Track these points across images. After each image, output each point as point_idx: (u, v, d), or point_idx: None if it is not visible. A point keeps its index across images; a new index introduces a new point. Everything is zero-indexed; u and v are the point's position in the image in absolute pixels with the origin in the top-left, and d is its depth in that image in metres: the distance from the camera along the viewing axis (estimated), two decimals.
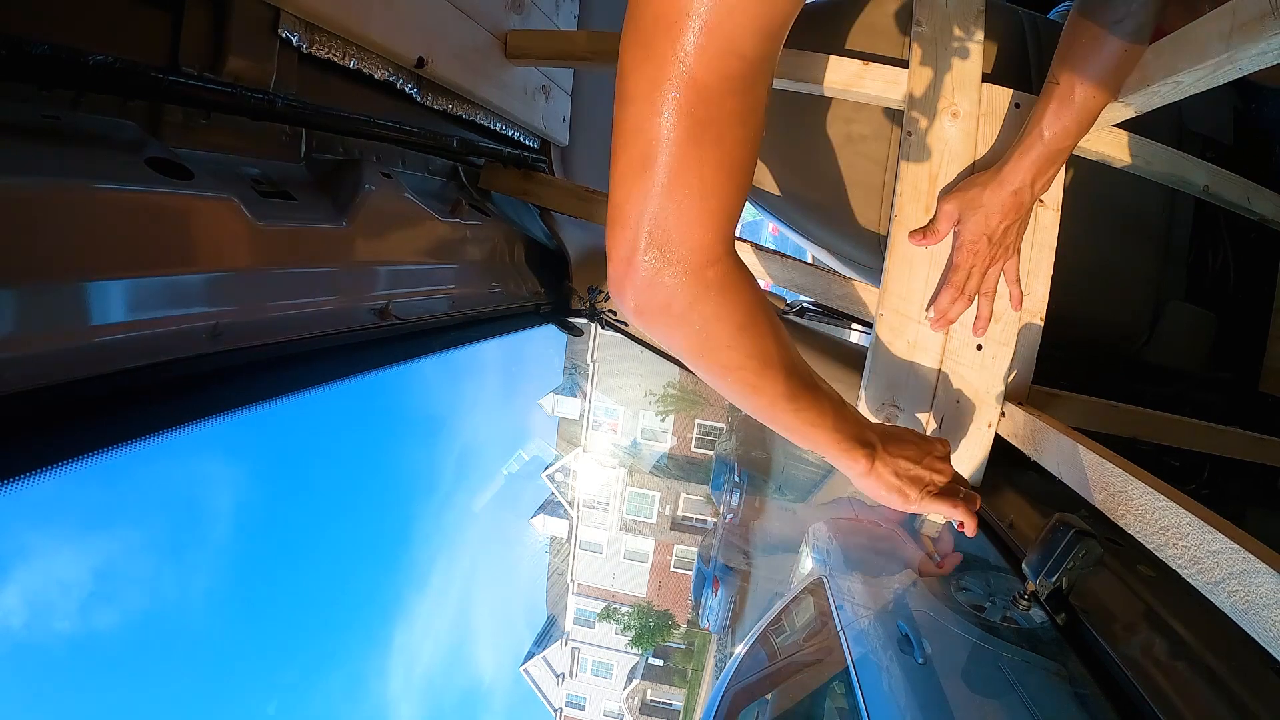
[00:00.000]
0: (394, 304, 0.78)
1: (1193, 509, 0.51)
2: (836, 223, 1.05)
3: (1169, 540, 0.53)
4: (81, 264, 0.44)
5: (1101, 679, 0.59)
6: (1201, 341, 1.17)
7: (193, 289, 0.53)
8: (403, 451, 74.30)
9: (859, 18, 1.00)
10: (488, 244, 1.01)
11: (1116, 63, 0.70)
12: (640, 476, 19.51)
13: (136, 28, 0.54)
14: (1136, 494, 0.58)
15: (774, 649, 1.87)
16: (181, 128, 0.59)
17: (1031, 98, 0.88)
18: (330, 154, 0.77)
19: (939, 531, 1.15)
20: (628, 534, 19.87)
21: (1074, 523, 0.65)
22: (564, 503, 20.12)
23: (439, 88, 0.87)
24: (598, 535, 20.09)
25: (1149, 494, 0.56)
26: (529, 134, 1.14)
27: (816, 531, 2.25)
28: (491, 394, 50.57)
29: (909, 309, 0.90)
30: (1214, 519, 0.50)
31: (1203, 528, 0.49)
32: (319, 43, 0.67)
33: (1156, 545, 0.54)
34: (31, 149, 0.44)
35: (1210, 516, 0.50)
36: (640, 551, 20.06)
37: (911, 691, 1.07)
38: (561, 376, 20.28)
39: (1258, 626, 0.43)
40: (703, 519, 19.33)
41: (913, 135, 0.89)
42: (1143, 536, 0.56)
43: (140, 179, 0.48)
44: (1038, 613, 0.70)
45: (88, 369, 0.45)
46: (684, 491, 19.32)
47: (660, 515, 19.56)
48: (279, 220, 0.60)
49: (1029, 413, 0.81)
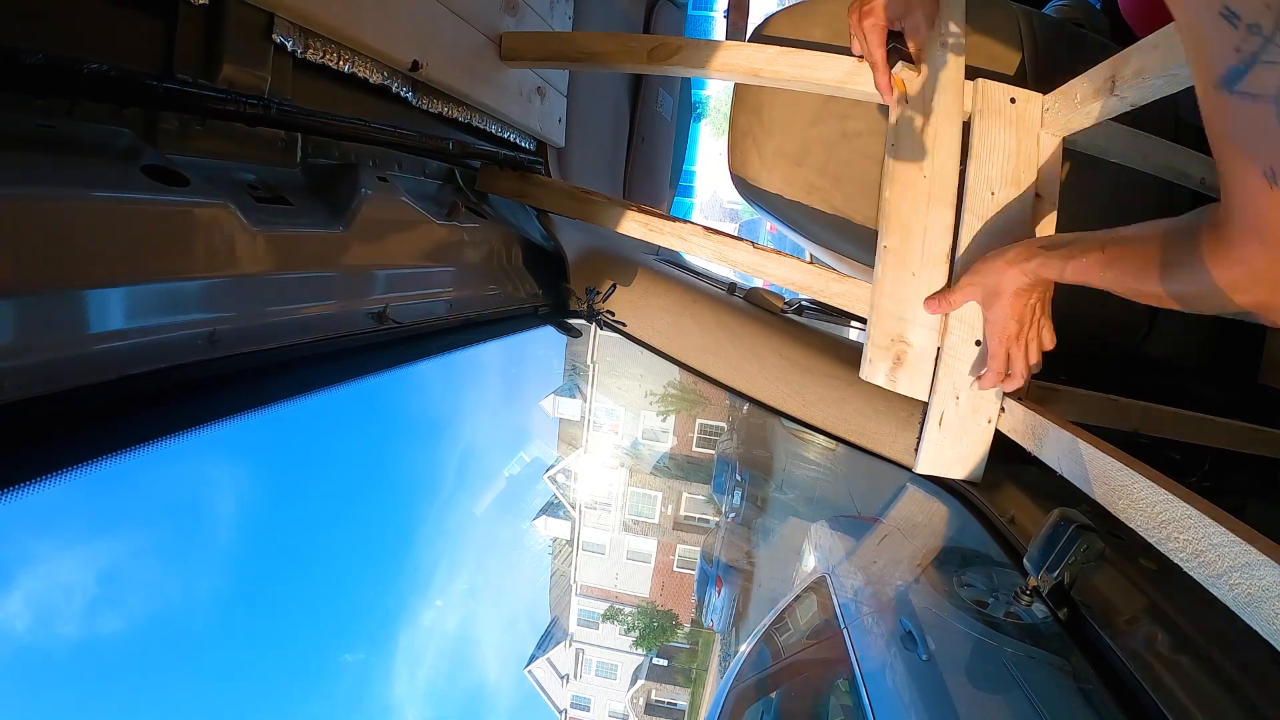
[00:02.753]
0: (392, 307, 0.77)
1: (1194, 502, 0.51)
2: (833, 220, 1.05)
3: (1170, 534, 0.53)
4: (78, 272, 0.44)
5: (1104, 673, 0.59)
6: (1201, 334, 1.17)
7: (190, 295, 0.53)
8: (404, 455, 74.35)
9: None
10: (485, 246, 1.01)
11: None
12: (642, 477, 19.52)
13: (130, 35, 0.54)
14: (1137, 488, 0.58)
15: (778, 647, 1.87)
16: (177, 135, 0.59)
17: (1028, 94, 0.88)
18: (326, 159, 0.77)
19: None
20: (630, 534, 19.87)
21: (1075, 517, 0.65)
22: (566, 504, 20.12)
23: (434, 91, 0.87)
24: (600, 536, 20.09)
25: (1150, 488, 0.56)
26: (525, 136, 1.14)
27: (818, 529, 2.25)
28: (492, 397, 50.59)
29: (903, 309, 0.90)
30: (1215, 512, 0.50)
31: (1204, 521, 0.49)
32: (313, 47, 0.67)
33: (1158, 539, 0.54)
34: (26, 158, 0.44)
35: (1211, 510, 0.50)
36: (643, 552, 20.06)
37: (915, 688, 1.07)
38: (561, 378, 20.29)
39: (1259, 619, 0.43)
40: (705, 518, 19.33)
41: (906, 132, 0.89)
42: (1144, 530, 0.56)
43: (136, 186, 0.48)
44: (1040, 608, 0.70)
45: (86, 376, 0.45)
46: (686, 491, 19.32)
47: (662, 515, 19.56)
48: (275, 226, 0.60)
49: (1029, 408, 0.81)
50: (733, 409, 16.59)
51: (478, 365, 48.59)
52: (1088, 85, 0.78)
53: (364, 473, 77.74)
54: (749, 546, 15.28)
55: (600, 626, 20.30)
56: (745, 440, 16.26)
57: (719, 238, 0.99)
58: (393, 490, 69.16)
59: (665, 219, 1.00)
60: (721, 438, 18.22)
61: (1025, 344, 0.79)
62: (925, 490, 0.98)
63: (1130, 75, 0.71)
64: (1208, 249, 0.48)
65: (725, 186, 6.59)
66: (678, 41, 0.96)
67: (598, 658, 20.63)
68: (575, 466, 19.77)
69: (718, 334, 1.08)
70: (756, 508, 15.02)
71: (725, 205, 19.94)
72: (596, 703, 20.68)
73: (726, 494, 16.14)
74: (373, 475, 75.73)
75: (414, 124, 0.87)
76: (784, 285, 0.98)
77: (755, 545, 14.85)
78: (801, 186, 1.06)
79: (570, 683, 20.78)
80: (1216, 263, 0.47)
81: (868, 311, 0.91)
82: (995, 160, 0.87)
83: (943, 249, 0.88)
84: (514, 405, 41.15)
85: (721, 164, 1.17)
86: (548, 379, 20.71)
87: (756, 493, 14.99)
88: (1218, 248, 0.46)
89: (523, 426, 32.35)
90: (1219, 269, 0.47)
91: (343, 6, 0.67)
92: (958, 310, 0.87)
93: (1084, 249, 0.67)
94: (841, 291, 0.95)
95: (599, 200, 1.04)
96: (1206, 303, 0.52)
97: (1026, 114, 0.88)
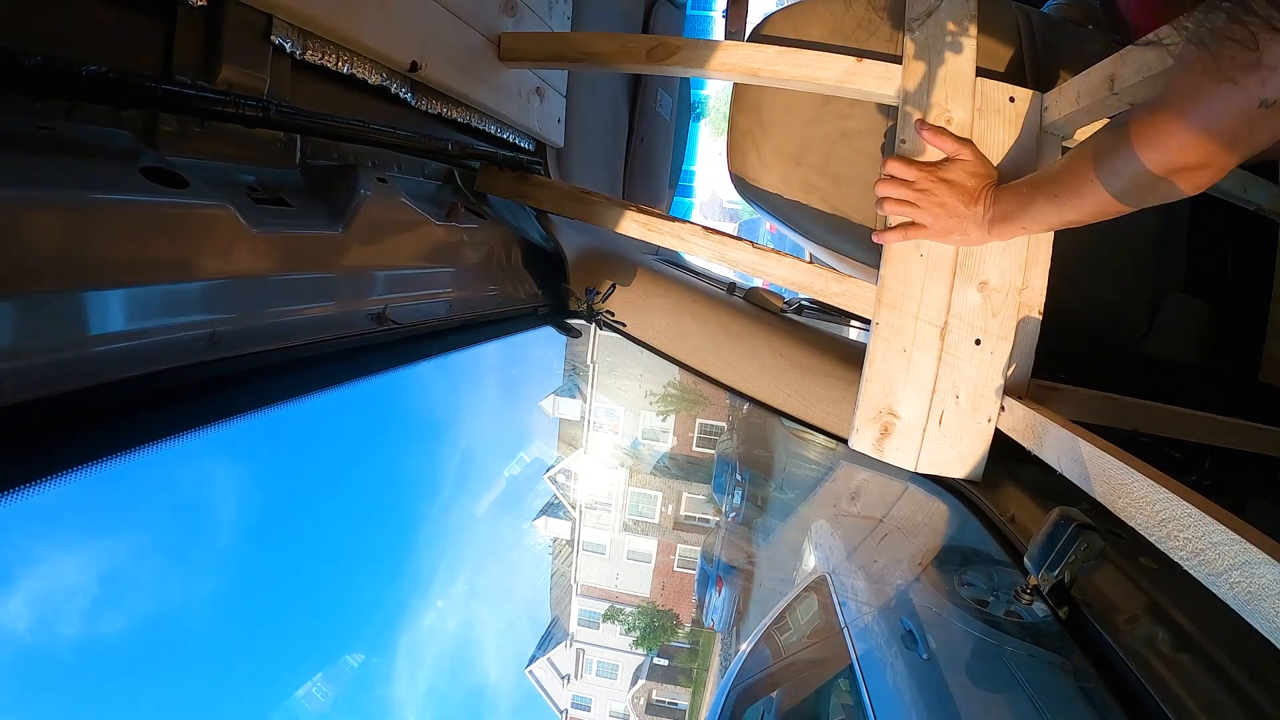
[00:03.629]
0: (391, 308, 0.77)
1: (1194, 501, 0.51)
2: (832, 219, 1.05)
3: (1170, 532, 0.53)
4: (78, 274, 0.44)
5: (1105, 672, 0.60)
6: (1201, 333, 1.17)
7: (190, 297, 0.53)
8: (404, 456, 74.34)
9: (852, 13, 1.00)
10: (484, 247, 1.01)
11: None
12: (642, 477, 19.52)
13: (129, 37, 0.54)
14: (1137, 486, 0.58)
15: (778, 647, 1.87)
16: (176, 136, 0.59)
17: (1027, 93, 0.88)
18: (325, 160, 0.77)
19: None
20: (630, 534, 19.87)
21: (1075, 516, 0.65)
22: (566, 504, 20.12)
23: (433, 91, 0.87)
24: (600, 536, 20.10)
25: (1150, 486, 0.56)
26: (524, 136, 1.14)
27: (819, 529, 2.25)
28: (492, 397, 50.57)
29: (907, 305, 0.90)
30: (1215, 510, 0.50)
31: (1204, 519, 0.49)
32: (312, 49, 0.67)
33: (1158, 538, 0.54)
34: (26, 160, 0.44)
35: (1211, 508, 0.50)
36: (643, 552, 20.06)
37: (916, 687, 1.08)
38: (561, 378, 20.29)
39: (1260, 617, 0.43)
40: (705, 518, 19.33)
41: (905, 131, 0.89)
42: (1144, 529, 0.56)
43: (135, 188, 0.48)
44: (1040, 607, 0.70)
45: (87, 379, 0.45)
46: (686, 491, 19.32)
47: (663, 515, 19.56)
48: (275, 227, 0.60)
49: (1029, 407, 0.81)
50: (733, 409, 16.59)
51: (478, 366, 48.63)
52: (1087, 84, 0.78)
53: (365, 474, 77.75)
54: (749, 546, 15.28)
55: (601, 626, 20.29)
56: (745, 440, 16.26)
57: (718, 237, 0.99)
58: (394, 492, 69.17)
59: (664, 219, 1.00)
60: (721, 437, 18.22)
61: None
62: (925, 489, 0.98)
63: (1130, 74, 0.71)
64: (1137, 133, 0.60)
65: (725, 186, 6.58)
66: (676, 41, 0.96)
67: (598, 658, 20.63)
68: (575, 467, 19.76)
69: (717, 334, 1.08)
70: (757, 507, 15.02)
71: (725, 205, 19.94)
72: (597, 703, 20.68)
73: (727, 494, 16.14)
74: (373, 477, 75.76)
75: (413, 125, 0.87)
76: (783, 285, 0.99)
77: (756, 545, 14.85)
78: (800, 186, 1.06)
79: (571, 683, 20.78)
80: (1143, 143, 0.60)
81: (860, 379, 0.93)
82: (994, 158, 0.87)
83: (937, 325, 0.89)
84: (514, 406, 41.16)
85: (721, 164, 1.17)
86: (548, 379, 20.71)
87: (757, 492, 14.99)
88: (1146, 127, 0.59)
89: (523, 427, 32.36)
90: (1145, 149, 0.60)
91: (341, 8, 0.67)
92: (957, 310, 0.87)
93: (1020, 181, 0.80)
94: (841, 291, 0.95)
95: (598, 200, 1.04)
96: (1137, 185, 0.63)
97: (1025, 112, 0.88)
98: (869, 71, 0.91)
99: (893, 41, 0.97)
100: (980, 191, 0.83)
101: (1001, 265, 0.88)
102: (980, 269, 0.88)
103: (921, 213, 0.86)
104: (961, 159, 0.85)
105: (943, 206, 0.84)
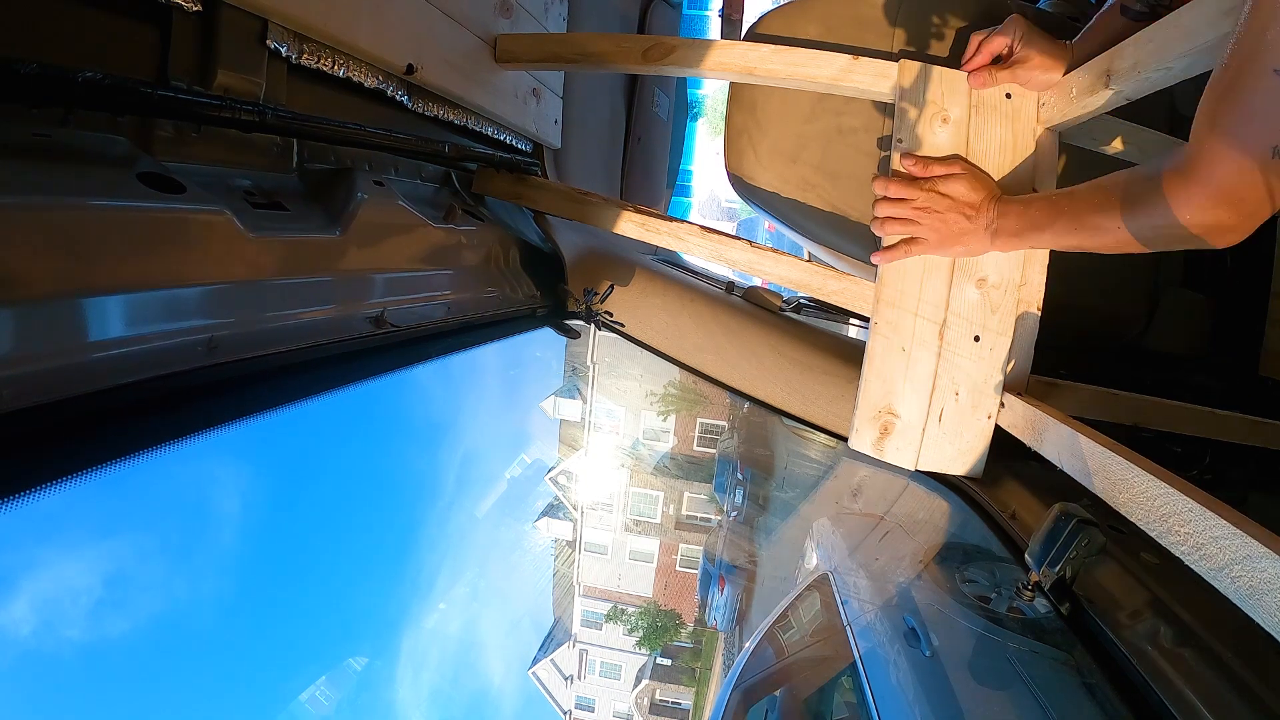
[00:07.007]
0: (389, 311, 0.77)
1: (1194, 495, 0.51)
2: (829, 217, 1.05)
3: (1171, 527, 0.53)
4: (76, 281, 0.44)
5: (1107, 667, 0.59)
6: (1200, 327, 1.17)
7: (188, 302, 0.53)
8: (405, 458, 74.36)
9: (847, 10, 1.00)
10: (482, 249, 1.01)
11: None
12: (643, 477, 19.51)
13: (125, 43, 0.54)
14: (1138, 481, 0.58)
15: (781, 645, 1.87)
16: (172, 142, 0.59)
17: (1025, 91, 0.88)
18: (322, 163, 0.77)
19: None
20: (632, 535, 19.86)
21: (1076, 512, 0.65)
22: (568, 505, 20.12)
23: (430, 94, 0.87)
24: (602, 537, 20.08)
25: (1150, 481, 0.56)
26: (521, 138, 1.14)
27: (820, 527, 2.25)
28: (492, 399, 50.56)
29: (905, 303, 0.90)
30: (1216, 505, 0.49)
31: (1204, 514, 0.49)
32: (308, 53, 0.67)
33: (1159, 532, 0.54)
34: (22, 167, 0.44)
35: (1212, 502, 0.50)
36: (645, 552, 20.04)
37: (919, 684, 1.07)
38: (561, 380, 20.28)
39: (1261, 611, 0.43)
40: (707, 518, 19.32)
41: (901, 129, 0.89)
42: (1145, 524, 0.56)
43: (132, 194, 0.48)
44: (1042, 603, 0.70)
45: (86, 385, 0.45)
46: (687, 491, 19.30)
47: (664, 515, 19.55)
48: (272, 231, 0.60)
49: (1028, 403, 0.81)
50: (733, 408, 16.59)
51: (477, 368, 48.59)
52: (1083, 79, 0.78)
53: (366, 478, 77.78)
54: (751, 545, 15.27)
55: (603, 627, 20.28)
56: (746, 439, 16.25)
57: (716, 237, 0.99)
58: (395, 494, 69.17)
59: (662, 219, 1.00)
60: (722, 437, 18.21)
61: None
62: (926, 487, 0.98)
63: (1126, 69, 0.71)
64: (1171, 190, 0.59)
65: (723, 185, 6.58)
66: (673, 41, 0.96)
67: (601, 658, 20.61)
68: (576, 468, 19.75)
69: (716, 333, 1.08)
70: (758, 506, 15.01)
71: (723, 204, 19.93)
72: (601, 703, 20.66)
73: (728, 493, 16.13)
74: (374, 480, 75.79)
75: (409, 128, 0.87)
76: (782, 283, 0.99)
77: (758, 544, 14.85)
78: (797, 183, 1.06)
79: (574, 684, 20.76)
80: (1178, 203, 0.59)
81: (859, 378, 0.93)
82: (991, 155, 0.87)
83: (936, 322, 0.89)
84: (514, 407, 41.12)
85: (719, 163, 1.17)
86: (547, 380, 20.69)
87: (758, 491, 14.98)
88: (1180, 190, 0.58)
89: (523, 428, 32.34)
90: (1181, 209, 0.59)
91: (337, 11, 0.67)
92: (956, 306, 0.87)
93: (1031, 199, 0.81)
94: (840, 289, 0.95)
95: (596, 201, 1.04)
96: (1166, 237, 0.63)
97: (1022, 108, 0.88)
98: (865, 69, 0.91)
99: (888, 39, 0.97)
100: (982, 204, 0.83)
101: (1000, 262, 0.88)
102: (979, 266, 0.88)
103: (922, 229, 0.86)
104: (955, 174, 0.85)
105: (944, 221, 0.84)
